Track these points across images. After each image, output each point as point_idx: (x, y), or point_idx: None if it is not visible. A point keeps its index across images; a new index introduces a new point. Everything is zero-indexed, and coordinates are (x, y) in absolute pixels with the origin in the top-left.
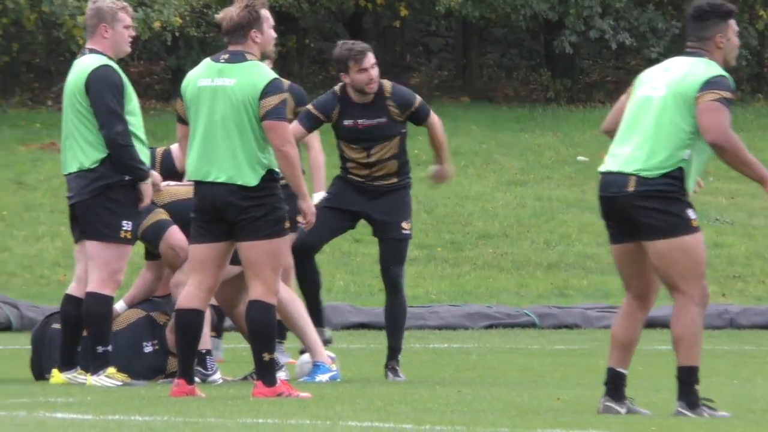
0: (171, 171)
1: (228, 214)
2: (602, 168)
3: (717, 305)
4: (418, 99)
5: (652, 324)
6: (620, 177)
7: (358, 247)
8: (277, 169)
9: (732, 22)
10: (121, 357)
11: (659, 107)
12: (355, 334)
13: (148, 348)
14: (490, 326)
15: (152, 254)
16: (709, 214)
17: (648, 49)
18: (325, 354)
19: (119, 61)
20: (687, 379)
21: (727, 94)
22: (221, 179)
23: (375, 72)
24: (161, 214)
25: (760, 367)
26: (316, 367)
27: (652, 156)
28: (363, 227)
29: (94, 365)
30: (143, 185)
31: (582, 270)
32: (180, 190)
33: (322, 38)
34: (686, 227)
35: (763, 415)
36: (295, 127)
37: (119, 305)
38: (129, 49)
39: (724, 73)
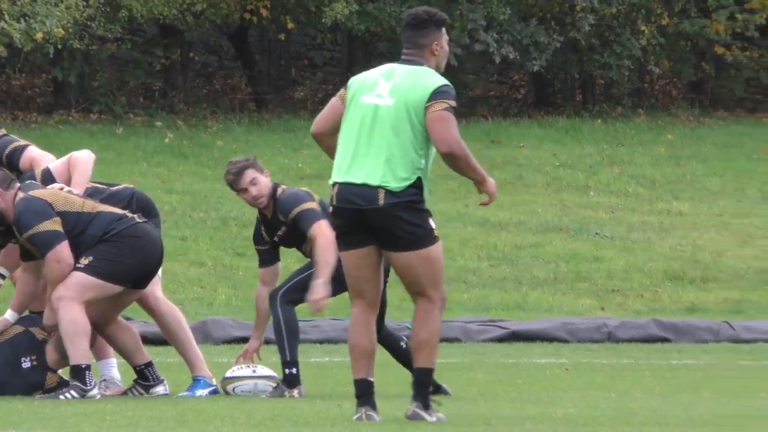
0: None
1: None
2: (340, 179)
3: (595, 318)
4: (301, 207)
5: (531, 337)
6: (367, 190)
7: (240, 261)
8: None
9: (444, 31)
10: None
11: (393, 118)
12: (236, 348)
13: (26, 364)
14: None
15: (28, 255)
16: (589, 228)
17: (530, 62)
18: (205, 368)
19: None
20: (426, 381)
21: (453, 103)
22: None
23: (255, 189)
24: (58, 225)
25: (638, 380)
26: (196, 381)
27: (396, 168)
28: (245, 240)
29: None
30: None
31: (463, 284)
32: (76, 200)
33: (206, 51)
34: (431, 238)
35: (641, 429)
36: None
37: (9, 315)
38: None
39: (447, 82)
